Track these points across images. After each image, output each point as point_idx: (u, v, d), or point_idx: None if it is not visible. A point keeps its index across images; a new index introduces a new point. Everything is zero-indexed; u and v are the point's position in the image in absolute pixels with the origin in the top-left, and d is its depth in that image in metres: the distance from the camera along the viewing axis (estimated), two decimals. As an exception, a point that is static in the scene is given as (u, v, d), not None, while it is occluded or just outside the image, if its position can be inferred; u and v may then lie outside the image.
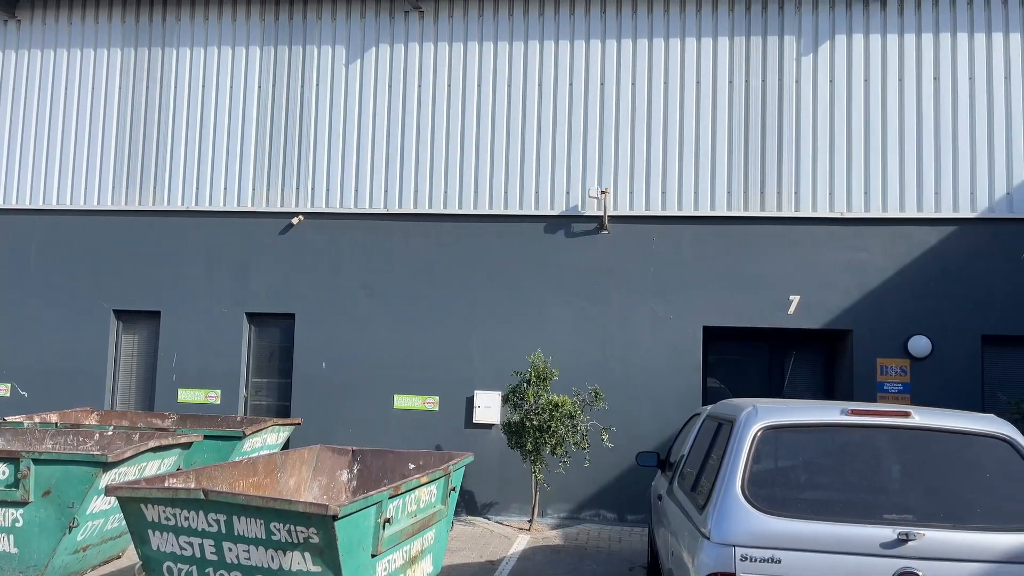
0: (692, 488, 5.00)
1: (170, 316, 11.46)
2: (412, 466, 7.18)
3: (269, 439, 9.81)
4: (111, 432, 8.17)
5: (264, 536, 4.77)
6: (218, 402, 11.26)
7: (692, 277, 10.60)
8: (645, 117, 10.86)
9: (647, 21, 10.96)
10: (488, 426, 10.78)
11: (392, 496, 5.34)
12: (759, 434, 4.35)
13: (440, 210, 11.09)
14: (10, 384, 11.71)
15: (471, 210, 11.04)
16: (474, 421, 10.76)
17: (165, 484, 5.36)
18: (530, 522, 10.11)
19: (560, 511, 10.60)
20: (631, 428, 10.45)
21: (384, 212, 11.19)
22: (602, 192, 10.62)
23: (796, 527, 3.99)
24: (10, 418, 9.36)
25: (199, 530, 4.93)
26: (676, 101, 10.83)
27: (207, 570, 4.96)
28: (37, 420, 9.40)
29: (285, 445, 10.74)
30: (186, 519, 4.94)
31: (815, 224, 10.48)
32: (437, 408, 10.88)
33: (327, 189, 11.34)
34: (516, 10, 11.19)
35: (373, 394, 10.99)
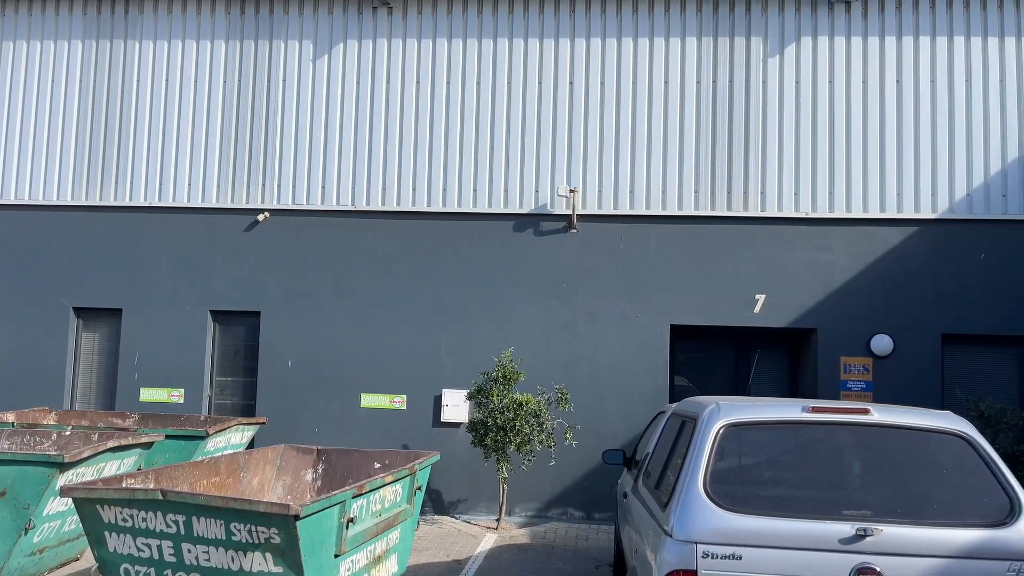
0: (656, 486, 5.01)
1: (132, 314, 11.26)
2: (378, 465, 7.13)
3: (233, 439, 9.68)
4: (69, 432, 8.01)
5: (224, 537, 4.70)
6: (181, 401, 11.09)
7: (660, 276, 10.66)
8: (614, 116, 10.89)
9: (616, 21, 10.99)
10: (456, 425, 10.74)
11: (356, 495, 5.29)
12: (721, 431, 4.37)
13: (408, 208, 11.02)
14: (-34, 383, 11.43)
15: (440, 208, 10.99)
16: (442, 420, 10.72)
17: (122, 484, 5.25)
18: (498, 521, 10.10)
19: (528, 510, 10.60)
20: (599, 426, 10.48)
21: (352, 209, 11.10)
22: (571, 191, 10.63)
23: (757, 524, 4.02)
24: (-35, 418, 9.13)
25: (157, 531, 4.83)
26: (644, 101, 10.88)
27: (165, 572, 4.87)
28: (-7, 420, 9.18)
29: (250, 445, 10.61)
30: (144, 520, 4.84)
31: (780, 224, 10.59)
32: (405, 407, 10.82)
33: (294, 186, 11.22)
34: (485, 8, 11.16)
35: (340, 393, 10.89)
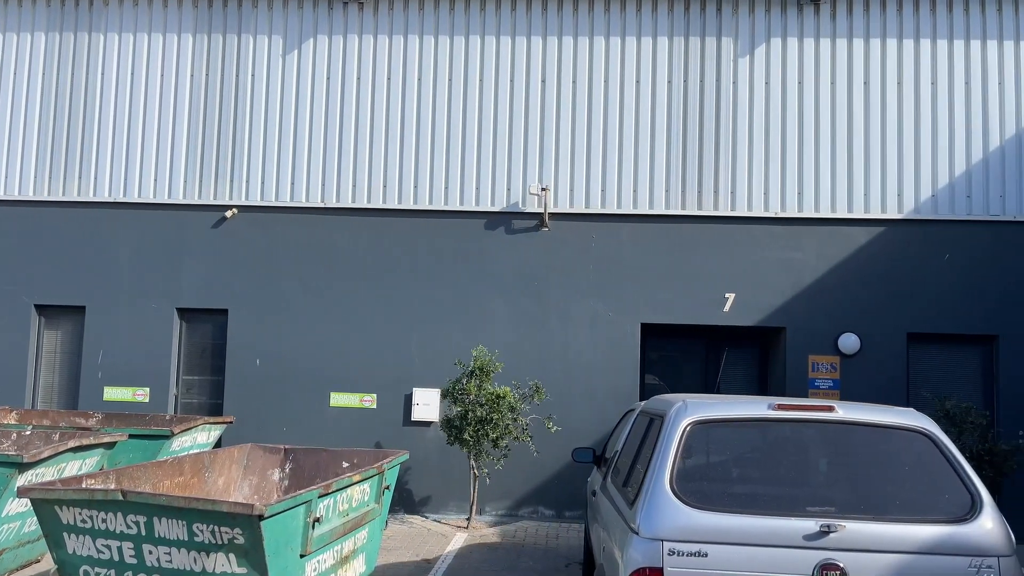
0: (624, 484, 5.01)
1: (96, 311, 11.06)
2: (346, 464, 7.05)
3: (199, 438, 9.54)
4: (29, 432, 7.84)
5: (186, 538, 4.61)
6: (147, 400, 10.91)
7: (630, 275, 10.68)
8: (585, 115, 10.90)
9: (588, 19, 10.99)
10: (427, 424, 10.68)
11: (323, 495, 5.23)
12: (688, 429, 4.38)
13: (379, 205, 10.94)
14: (-77, 382, 11.15)
15: (411, 205, 10.92)
16: (412, 419, 10.66)
17: (82, 485, 5.14)
18: (468, 520, 10.06)
19: (498, 508, 10.57)
20: (570, 425, 10.48)
21: (321, 206, 10.99)
22: (543, 189, 10.62)
23: (723, 521, 4.03)
24: (-79, 418, 8.91)
25: (117, 532, 4.74)
26: (616, 100, 10.90)
27: (126, 573, 4.78)
28: (-50, 420, 8.96)
29: (217, 444, 10.46)
30: (104, 521, 4.74)
31: (750, 223, 10.66)
32: (375, 406, 10.74)
33: (262, 182, 11.09)
34: (457, 5, 11.10)
35: (309, 392, 10.79)
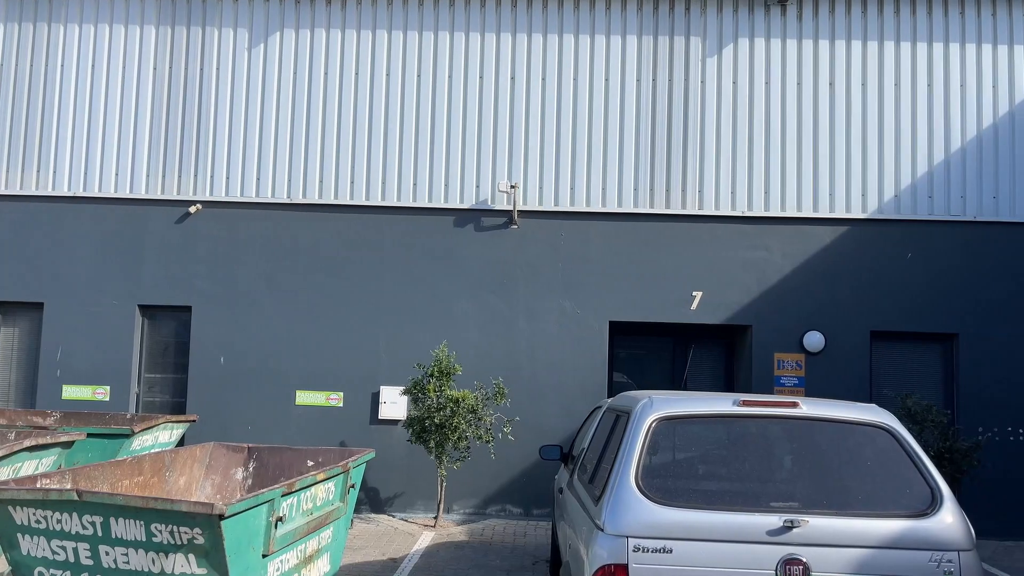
0: (590, 480, 5.00)
1: (54, 308, 10.81)
2: (311, 463, 6.97)
3: (161, 437, 9.36)
4: (-17, 431, 7.61)
5: (144, 538, 4.51)
6: (107, 399, 10.69)
7: (599, 272, 10.70)
8: (555, 113, 10.89)
9: (558, 17, 10.99)
10: (394, 422, 10.61)
11: (286, 494, 5.15)
12: (653, 425, 4.38)
13: (346, 201, 10.83)
14: None
15: (378, 201, 10.82)
16: (380, 417, 10.57)
17: (36, 484, 5.01)
18: (435, 519, 10.00)
19: (466, 507, 10.53)
20: (538, 422, 10.47)
21: (287, 202, 10.85)
22: (511, 187, 10.59)
23: (688, 517, 4.04)
24: None
25: (73, 533, 4.62)
26: (585, 97, 10.90)
27: (82, 575, 4.67)
28: (-99, 419, 8.69)
29: (180, 443, 10.28)
30: (59, 522, 4.62)
31: (717, 222, 10.74)
32: (341, 404, 10.64)
33: (227, 177, 10.91)
34: (426, 1, 11.02)
35: (274, 390, 10.65)
